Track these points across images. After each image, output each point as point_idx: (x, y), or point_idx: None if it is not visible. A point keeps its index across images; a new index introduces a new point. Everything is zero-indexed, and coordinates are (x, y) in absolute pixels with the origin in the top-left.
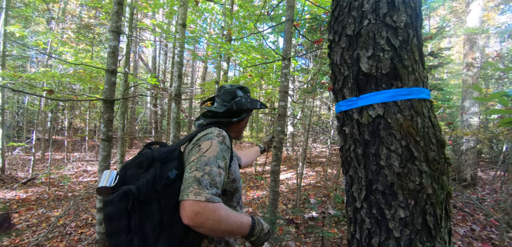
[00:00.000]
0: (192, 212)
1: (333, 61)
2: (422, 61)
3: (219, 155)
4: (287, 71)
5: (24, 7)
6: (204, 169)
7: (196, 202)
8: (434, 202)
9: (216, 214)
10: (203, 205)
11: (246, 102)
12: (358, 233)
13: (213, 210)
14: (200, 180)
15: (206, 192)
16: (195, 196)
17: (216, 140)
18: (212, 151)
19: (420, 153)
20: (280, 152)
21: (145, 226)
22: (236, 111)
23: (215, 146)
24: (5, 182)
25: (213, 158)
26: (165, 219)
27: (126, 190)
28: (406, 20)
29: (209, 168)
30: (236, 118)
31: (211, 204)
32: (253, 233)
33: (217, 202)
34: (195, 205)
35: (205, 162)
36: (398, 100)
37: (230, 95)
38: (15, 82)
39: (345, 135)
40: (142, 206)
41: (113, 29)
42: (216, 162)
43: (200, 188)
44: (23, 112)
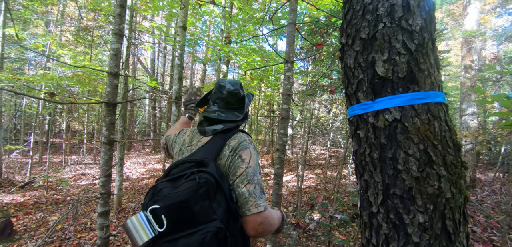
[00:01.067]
0: (256, 223)
1: (346, 64)
2: (437, 65)
3: (257, 161)
4: (290, 74)
5: (23, 9)
6: (254, 180)
7: (258, 214)
8: (453, 206)
9: (271, 218)
10: (263, 215)
11: (248, 103)
12: (374, 238)
13: (269, 215)
14: (254, 193)
15: (262, 202)
16: (256, 208)
17: (252, 147)
18: (253, 160)
19: (438, 157)
20: (283, 155)
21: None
22: (246, 114)
23: (254, 154)
24: (2, 185)
25: (256, 166)
26: (245, 238)
27: (217, 231)
28: (421, 24)
29: (257, 178)
30: (246, 120)
31: (268, 211)
32: (283, 223)
33: (270, 208)
34: (258, 217)
35: (253, 173)
36: (415, 104)
37: (235, 97)
38: (14, 85)
39: (360, 138)
40: (232, 237)
41: (116, 32)
42: (258, 170)
43: (258, 200)
44: (20, 115)
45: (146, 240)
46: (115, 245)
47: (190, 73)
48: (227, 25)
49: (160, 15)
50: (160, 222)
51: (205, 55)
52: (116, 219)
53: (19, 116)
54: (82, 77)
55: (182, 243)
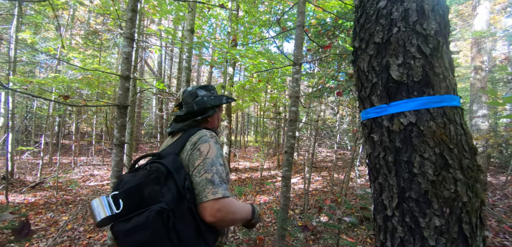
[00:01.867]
0: (214, 210)
1: (359, 68)
2: (451, 68)
3: (218, 154)
4: (298, 76)
5: (35, 14)
6: (211, 170)
7: (216, 200)
8: (470, 210)
9: (231, 206)
10: (221, 201)
11: (209, 100)
12: (389, 241)
13: (228, 204)
14: (212, 180)
15: (220, 189)
16: (213, 195)
17: (212, 141)
18: (212, 152)
19: (454, 160)
20: (292, 158)
21: (185, 235)
22: (198, 110)
23: (213, 146)
24: (14, 186)
25: (216, 158)
26: (198, 222)
27: (159, 210)
28: (436, 28)
29: (215, 168)
30: (200, 117)
31: (226, 199)
32: (254, 216)
33: (229, 196)
34: (215, 203)
35: (211, 163)
36: (430, 108)
37: (192, 96)
38: (26, 88)
39: (374, 142)
40: (178, 219)
41: (127, 36)
42: (218, 161)
43: (215, 187)
44: (31, 117)
45: (103, 216)
46: None
47: (197, 76)
48: (233, 28)
49: (168, 19)
50: (118, 205)
51: (212, 58)
52: None
53: (30, 118)
54: (92, 79)
55: (134, 221)
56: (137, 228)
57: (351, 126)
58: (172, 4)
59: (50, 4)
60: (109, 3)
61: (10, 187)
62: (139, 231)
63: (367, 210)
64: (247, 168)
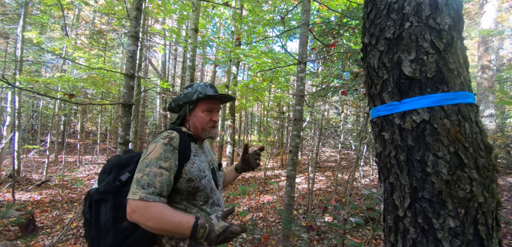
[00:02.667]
0: (130, 208)
1: (369, 65)
2: (466, 64)
3: (162, 156)
4: (303, 75)
5: (41, 14)
6: (144, 170)
7: (132, 200)
8: (485, 211)
9: (147, 212)
10: (136, 203)
11: (182, 97)
12: (400, 243)
13: (144, 208)
14: (138, 181)
15: (141, 192)
16: (132, 195)
17: (161, 142)
18: (154, 153)
19: (469, 159)
20: (296, 157)
21: (99, 222)
22: (175, 107)
23: (159, 148)
24: (20, 184)
25: (155, 160)
26: (114, 216)
27: (88, 191)
28: (450, 23)
29: (149, 169)
30: (177, 115)
31: (143, 202)
32: (196, 236)
33: (151, 201)
34: (132, 203)
35: (146, 164)
36: (444, 105)
37: (176, 96)
38: (33, 87)
39: (384, 140)
40: (98, 205)
41: (132, 34)
42: (157, 163)
43: (137, 188)
44: (37, 116)
45: (91, 188)
46: None
47: (200, 75)
48: (237, 27)
49: (172, 18)
50: None
51: (216, 57)
52: None
53: (36, 116)
54: (96, 79)
55: (90, 193)
56: (83, 202)
57: (356, 125)
58: (176, 3)
59: (60, 4)
60: (114, 3)
61: (16, 185)
62: (83, 205)
63: (373, 211)
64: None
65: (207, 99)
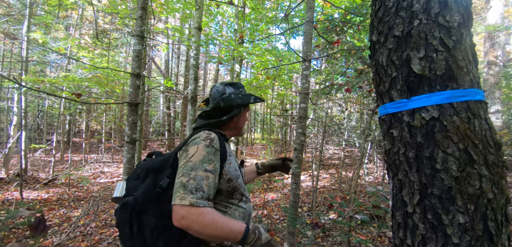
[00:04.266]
0: (179, 215)
1: (377, 62)
2: (475, 61)
3: (206, 159)
4: (308, 72)
5: (45, 14)
6: (189, 174)
7: (181, 206)
8: (495, 207)
9: (200, 218)
10: (187, 209)
11: (236, 98)
12: (409, 239)
13: (197, 214)
14: (185, 185)
15: (190, 197)
16: (180, 200)
17: (202, 144)
18: (198, 155)
19: (479, 156)
20: (301, 155)
21: (144, 232)
22: (225, 108)
23: (201, 150)
24: (27, 182)
25: (199, 162)
26: (160, 224)
27: (125, 202)
28: (459, 20)
29: (195, 173)
30: (226, 116)
31: (195, 208)
32: (246, 241)
33: (202, 206)
34: (181, 209)
35: (191, 167)
36: (454, 102)
37: (219, 93)
38: (39, 87)
39: (393, 138)
40: (140, 215)
41: (137, 33)
42: (202, 166)
43: (185, 193)
44: (43, 115)
45: (115, 196)
46: None
47: (204, 73)
48: (240, 25)
49: (175, 16)
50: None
51: (219, 55)
52: None
53: (42, 116)
54: (101, 78)
55: (126, 204)
56: (116, 212)
57: (360, 123)
58: (179, 2)
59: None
60: (117, 2)
61: (24, 184)
62: (116, 214)
63: (378, 208)
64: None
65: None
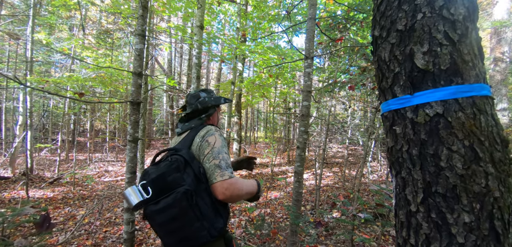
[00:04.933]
0: (223, 188)
1: (379, 58)
2: (481, 56)
3: (223, 144)
4: (310, 70)
5: (49, 15)
6: (218, 157)
7: (223, 181)
8: (502, 205)
9: (238, 185)
10: (228, 182)
11: (209, 100)
12: (413, 238)
13: (235, 182)
14: (220, 165)
15: (227, 172)
16: (221, 177)
17: (217, 134)
18: (218, 142)
19: (485, 153)
20: (304, 153)
21: (204, 210)
22: (202, 109)
23: (219, 138)
24: (33, 181)
25: (221, 147)
26: (213, 200)
27: (185, 191)
28: (464, 13)
29: (221, 155)
30: (204, 115)
31: (233, 179)
32: (260, 190)
33: (234, 177)
34: (223, 183)
35: (218, 151)
36: (459, 98)
37: (195, 98)
38: (43, 87)
39: (396, 135)
40: (198, 197)
41: (139, 32)
42: (223, 150)
43: (222, 170)
44: (48, 115)
45: (137, 202)
46: (138, 239)
47: (206, 72)
48: (242, 23)
49: (177, 15)
50: (148, 192)
51: (221, 54)
52: (139, 215)
53: (47, 116)
54: (104, 78)
55: (163, 202)
56: (167, 207)
57: (363, 121)
58: (181, 1)
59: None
60: (120, 2)
61: (30, 183)
62: (169, 209)
63: (382, 206)
64: (257, 164)
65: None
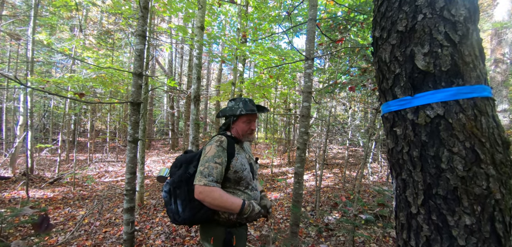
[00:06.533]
0: (197, 191)
1: (380, 59)
2: (482, 57)
3: (216, 155)
4: (311, 71)
5: (50, 15)
6: (204, 165)
7: (199, 185)
8: (503, 208)
9: (211, 194)
10: (202, 187)
11: (228, 110)
12: (413, 240)
13: (209, 190)
14: (202, 172)
15: (204, 179)
16: (198, 181)
17: (214, 144)
18: (211, 152)
19: (486, 155)
20: (304, 154)
21: (179, 200)
22: (221, 116)
23: (214, 148)
24: (33, 181)
25: (211, 157)
26: (188, 197)
27: (169, 181)
28: (465, 14)
29: (208, 164)
30: (225, 122)
31: (207, 187)
32: (243, 212)
33: (212, 186)
34: (199, 187)
35: (206, 160)
36: (460, 99)
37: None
38: (44, 87)
39: (397, 136)
40: (176, 190)
41: (139, 33)
42: (213, 160)
43: (201, 177)
44: (49, 115)
45: (160, 175)
46: (137, 240)
47: (207, 73)
48: (243, 24)
49: (178, 16)
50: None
51: (222, 54)
52: (138, 215)
53: (48, 116)
54: (105, 78)
55: (165, 185)
56: (163, 187)
57: (364, 122)
58: (182, 2)
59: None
60: (121, 3)
61: (30, 183)
62: (163, 191)
63: (383, 207)
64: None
65: (248, 114)
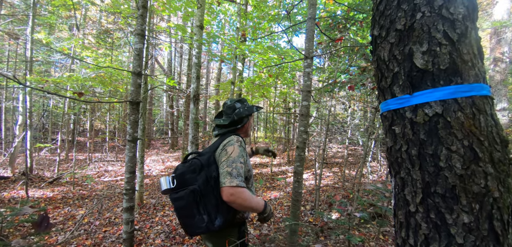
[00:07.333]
0: (229, 193)
1: (379, 57)
2: (481, 55)
3: (240, 154)
4: (310, 70)
5: (49, 15)
6: (232, 165)
7: (231, 187)
8: (501, 206)
9: (243, 194)
10: (234, 189)
11: (243, 111)
12: (412, 239)
13: (241, 191)
14: (231, 173)
15: (236, 180)
16: (230, 182)
17: (237, 144)
18: (235, 152)
19: (484, 153)
20: (304, 153)
21: (208, 208)
22: (237, 120)
23: (237, 149)
24: (33, 181)
25: (237, 157)
26: (218, 202)
27: (193, 189)
28: (464, 12)
29: (235, 164)
30: (239, 125)
31: (239, 188)
32: (265, 211)
33: (243, 187)
34: (230, 189)
35: (233, 161)
36: (458, 97)
37: (231, 109)
38: (43, 86)
39: (395, 135)
40: (205, 197)
41: (138, 32)
42: (238, 160)
43: (232, 178)
44: (48, 115)
45: (165, 188)
46: (137, 239)
47: (206, 72)
48: (242, 23)
49: (177, 15)
50: (173, 183)
51: (221, 53)
52: (138, 215)
53: (47, 116)
54: (104, 77)
55: (179, 193)
56: (179, 198)
57: (363, 121)
58: (181, 0)
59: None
60: (120, 2)
61: (29, 183)
62: (180, 200)
63: (374, 206)
64: (257, 164)
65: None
